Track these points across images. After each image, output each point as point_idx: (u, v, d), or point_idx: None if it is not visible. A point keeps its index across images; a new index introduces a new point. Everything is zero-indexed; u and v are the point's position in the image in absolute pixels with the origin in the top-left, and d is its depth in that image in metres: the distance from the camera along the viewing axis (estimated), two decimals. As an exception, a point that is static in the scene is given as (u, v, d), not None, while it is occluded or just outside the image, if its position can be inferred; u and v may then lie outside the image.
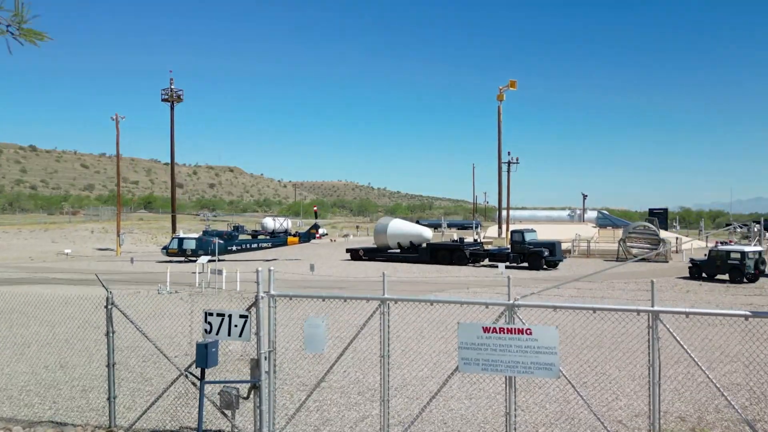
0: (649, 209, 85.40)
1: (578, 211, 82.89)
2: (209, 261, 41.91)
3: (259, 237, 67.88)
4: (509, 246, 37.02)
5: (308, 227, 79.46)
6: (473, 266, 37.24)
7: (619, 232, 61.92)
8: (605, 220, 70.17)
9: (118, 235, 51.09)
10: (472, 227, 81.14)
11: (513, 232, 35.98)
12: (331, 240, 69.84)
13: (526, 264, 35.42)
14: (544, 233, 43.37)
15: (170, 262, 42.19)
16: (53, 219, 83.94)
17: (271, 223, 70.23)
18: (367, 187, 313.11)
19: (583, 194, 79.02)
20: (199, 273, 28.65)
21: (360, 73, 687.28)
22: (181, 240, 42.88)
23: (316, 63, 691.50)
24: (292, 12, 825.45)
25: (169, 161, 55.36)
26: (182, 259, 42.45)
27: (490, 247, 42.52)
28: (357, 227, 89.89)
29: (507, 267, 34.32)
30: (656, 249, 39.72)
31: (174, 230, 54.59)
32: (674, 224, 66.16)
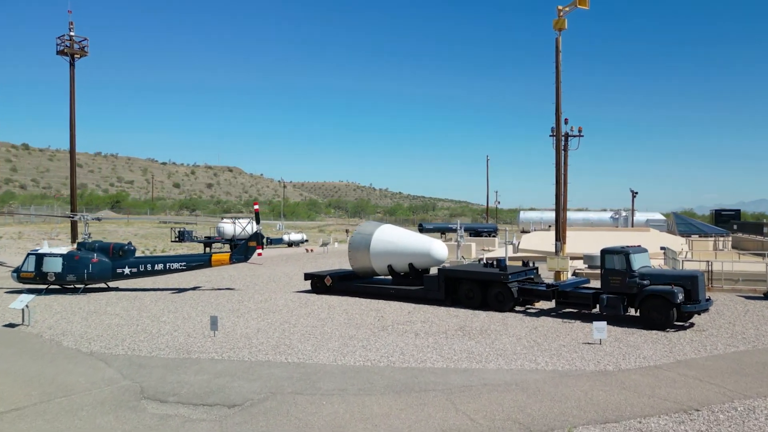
0: (715, 211, 68.26)
1: (624, 213, 65.75)
2: (83, 290, 25.39)
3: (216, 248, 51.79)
4: (600, 278, 19.54)
5: (276, 236, 62.51)
6: (525, 313, 20.35)
7: (710, 243, 44.79)
8: (688, 226, 51.62)
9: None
10: (487, 232, 64.07)
11: (607, 252, 18.67)
12: (308, 250, 52.87)
13: (634, 311, 18.55)
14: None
15: (21, 291, 25.64)
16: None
17: (229, 227, 53.52)
18: (368, 188, 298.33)
19: (632, 191, 61.58)
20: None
21: (358, 73, 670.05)
22: (39, 258, 26.24)
23: (315, 62, 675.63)
24: (293, 12, 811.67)
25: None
26: (44, 287, 26.15)
27: (548, 277, 25.38)
28: (347, 231, 72.34)
29: (601, 320, 17.36)
30: None
31: (74, 238, 38.08)
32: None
